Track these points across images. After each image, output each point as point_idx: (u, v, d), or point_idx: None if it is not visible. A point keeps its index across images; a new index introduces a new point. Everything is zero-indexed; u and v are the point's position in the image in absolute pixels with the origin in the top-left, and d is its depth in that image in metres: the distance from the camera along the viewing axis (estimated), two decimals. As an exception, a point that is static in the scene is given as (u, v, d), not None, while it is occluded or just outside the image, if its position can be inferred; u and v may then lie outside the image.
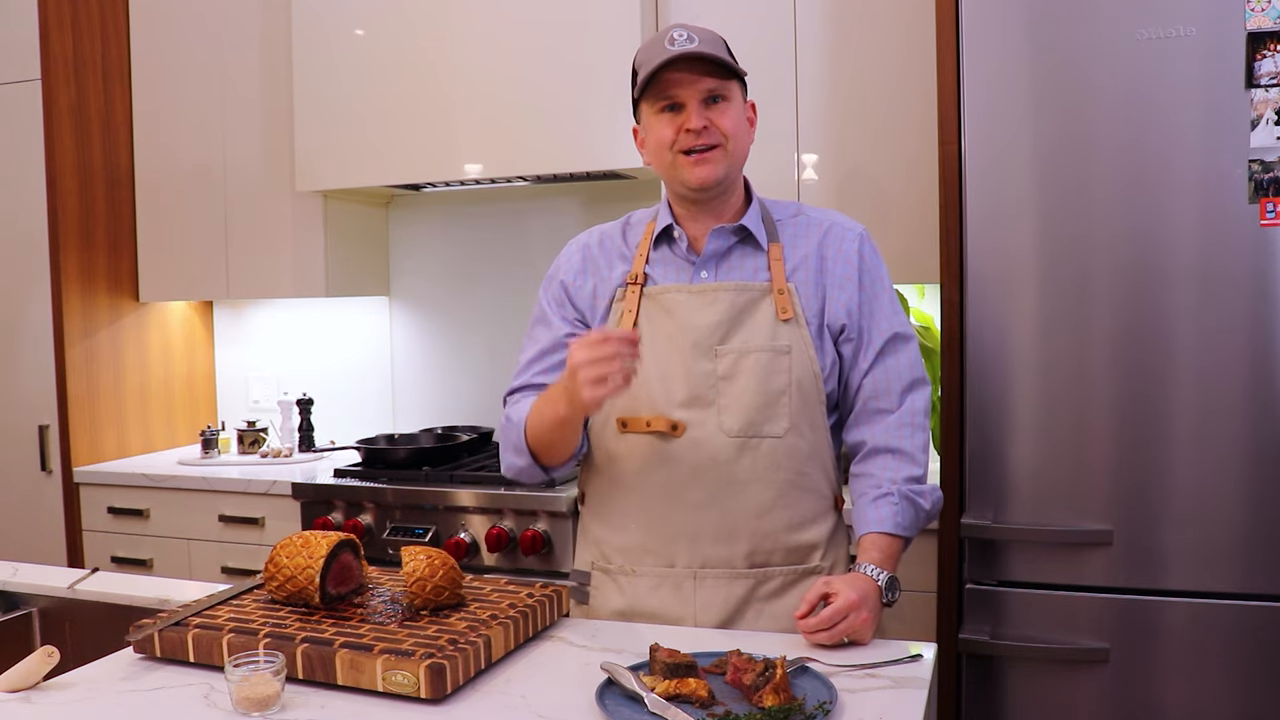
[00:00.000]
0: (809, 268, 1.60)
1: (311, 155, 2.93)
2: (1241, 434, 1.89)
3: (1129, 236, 1.94)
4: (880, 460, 1.58)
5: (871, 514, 1.55)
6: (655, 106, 1.56)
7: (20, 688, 1.26)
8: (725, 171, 1.56)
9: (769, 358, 1.55)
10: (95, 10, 3.18)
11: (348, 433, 3.35)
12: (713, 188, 1.57)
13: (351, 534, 1.71)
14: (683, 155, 1.55)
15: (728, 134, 1.55)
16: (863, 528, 1.55)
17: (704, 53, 1.51)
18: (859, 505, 1.58)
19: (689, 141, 1.54)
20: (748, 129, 1.61)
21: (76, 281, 3.13)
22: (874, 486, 1.57)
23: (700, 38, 1.53)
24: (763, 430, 1.54)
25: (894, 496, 1.55)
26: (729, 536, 1.56)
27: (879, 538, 1.53)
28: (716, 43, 1.56)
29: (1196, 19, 1.87)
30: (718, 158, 1.55)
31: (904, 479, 1.56)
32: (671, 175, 1.59)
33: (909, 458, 1.58)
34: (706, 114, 1.54)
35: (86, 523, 3.08)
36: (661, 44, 1.53)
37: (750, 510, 1.55)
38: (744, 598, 1.57)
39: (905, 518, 1.54)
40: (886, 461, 1.58)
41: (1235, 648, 1.90)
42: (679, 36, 1.52)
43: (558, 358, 1.65)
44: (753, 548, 1.56)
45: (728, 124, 1.55)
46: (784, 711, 1.13)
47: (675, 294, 1.59)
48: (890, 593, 1.48)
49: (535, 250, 3.15)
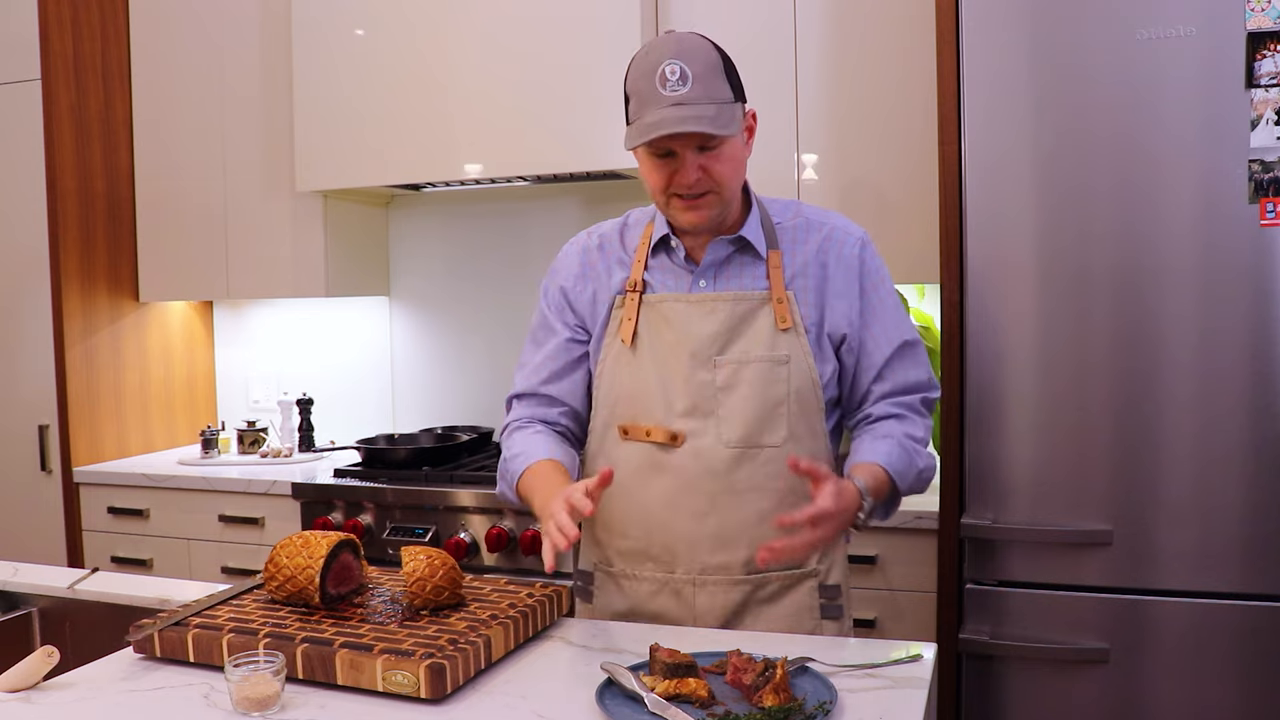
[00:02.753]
0: (808, 275, 1.59)
1: (311, 155, 2.92)
2: (1241, 434, 1.89)
3: (1129, 236, 1.94)
4: (885, 423, 1.59)
5: (868, 447, 1.55)
6: (648, 151, 1.50)
7: (20, 688, 1.26)
8: (718, 213, 1.54)
9: (767, 367, 1.54)
10: (95, 11, 3.18)
11: (348, 433, 3.35)
12: (704, 228, 1.55)
13: (351, 534, 1.71)
14: (676, 198, 1.52)
15: (720, 181, 1.50)
16: (855, 459, 1.55)
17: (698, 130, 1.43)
18: (857, 444, 1.59)
19: (682, 189, 1.50)
20: (742, 163, 1.55)
21: (76, 281, 3.13)
22: (874, 434, 1.58)
23: (694, 73, 1.44)
24: (761, 440, 1.54)
25: (894, 439, 1.55)
26: (728, 545, 1.55)
27: (870, 466, 1.52)
28: (711, 78, 1.46)
29: (1196, 19, 1.88)
30: (710, 203, 1.52)
31: (905, 434, 1.57)
32: (665, 213, 1.57)
33: (912, 423, 1.59)
34: (700, 160, 1.48)
35: (86, 523, 3.08)
36: (653, 82, 1.44)
37: (749, 519, 1.55)
38: (742, 602, 1.57)
39: (900, 463, 1.54)
40: (890, 423, 1.59)
41: (1234, 648, 1.90)
42: (671, 76, 1.43)
43: (561, 363, 1.66)
44: (751, 555, 1.55)
45: (720, 171, 1.49)
46: (784, 711, 1.13)
47: (674, 303, 1.58)
48: (865, 516, 1.46)
49: (535, 250, 3.15)
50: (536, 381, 1.67)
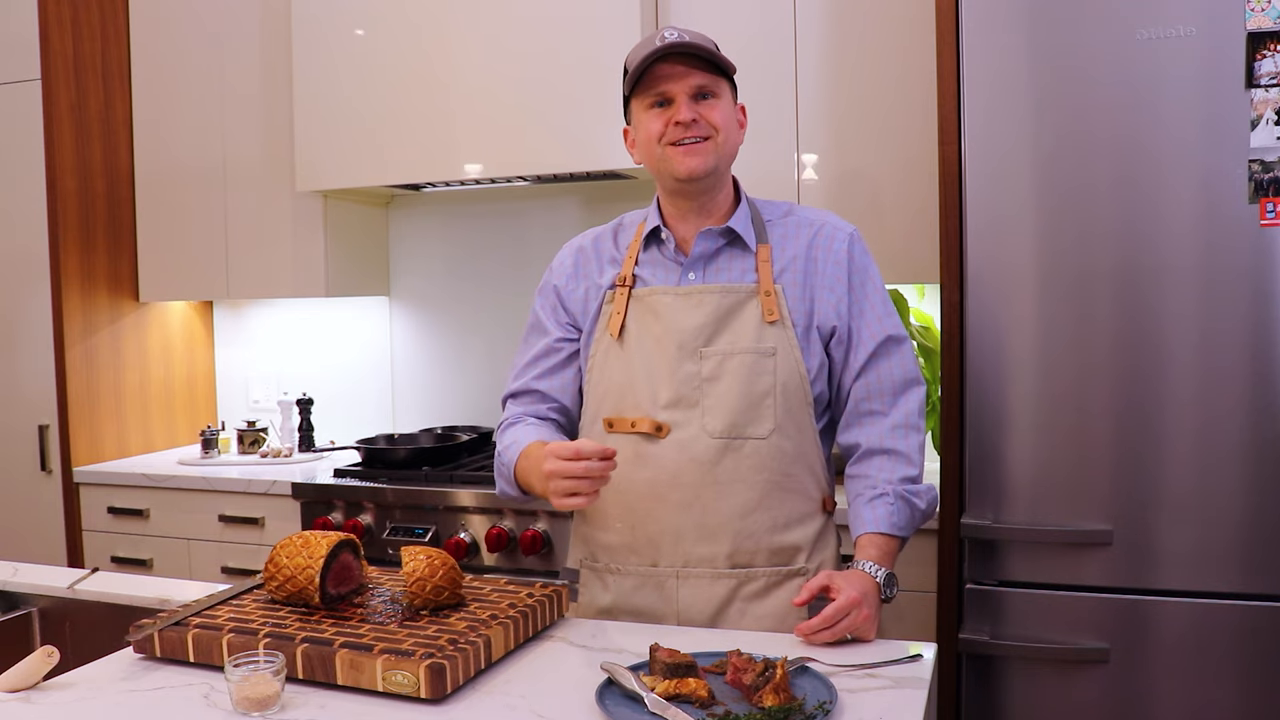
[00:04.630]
0: (797, 269, 1.60)
1: (311, 155, 2.93)
2: (1241, 434, 1.89)
3: (1129, 236, 1.94)
4: (876, 461, 1.59)
5: (868, 514, 1.56)
6: (645, 102, 1.57)
7: (20, 688, 1.26)
8: (715, 163, 1.57)
9: (753, 359, 1.55)
10: (95, 10, 3.18)
11: (348, 433, 3.35)
12: (702, 179, 1.57)
13: (351, 534, 1.71)
14: (672, 146, 1.55)
15: (717, 126, 1.56)
16: (859, 528, 1.56)
17: (693, 45, 1.52)
18: (855, 506, 1.59)
19: (678, 134, 1.54)
20: (737, 127, 1.62)
21: (76, 281, 3.13)
22: (870, 487, 1.57)
23: (690, 36, 1.54)
24: (746, 431, 1.55)
25: (889, 497, 1.55)
26: (711, 536, 1.56)
27: (876, 537, 1.54)
28: (708, 41, 1.57)
29: (1196, 19, 1.87)
30: (707, 149, 1.55)
31: (899, 479, 1.57)
32: (661, 169, 1.59)
33: (904, 458, 1.59)
34: (696, 108, 1.55)
35: (86, 523, 3.08)
36: (651, 42, 1.54)
37: (733, 511, 1.55)
38: (726, 598, 1.57)
39: (901, 518, 1.55)
40: (882, 463, 1.59)
41: (1234, 648, 1.90)
42: (669, 35, 1.54)
43: (552, 361, 1.69)
44: (734, 548, 1.56)
45: (717, 118, 1.56)
46: (784, 711, 1.13)
47: (662, 295, 1.60)
48: (889, 589, 1.49)
49: (535, 250, 3.15)
50: (528, 379, 1.70)
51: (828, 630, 1.38)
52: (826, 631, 1.38)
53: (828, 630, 1.38)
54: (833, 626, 1.38)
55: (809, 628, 1.39)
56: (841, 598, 1.39)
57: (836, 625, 1.38)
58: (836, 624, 1.38)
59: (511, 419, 1.71)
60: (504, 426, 1.71)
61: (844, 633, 1.39)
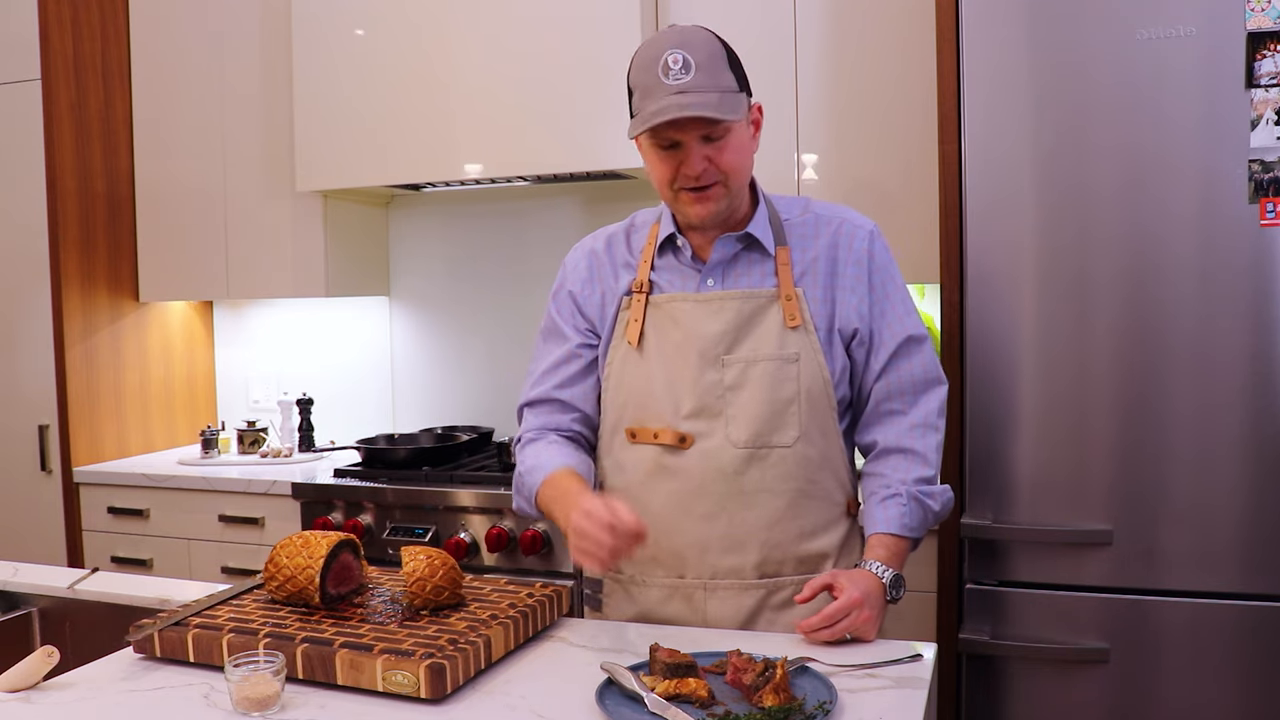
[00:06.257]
0: (818, 270, 1.56)
1: (311, 155, 2.92)
2: (1241, 434, 1.89)
3: (1129, 237, 1.94)
4: (891, 460, 1.58)
5: (880, 514, 1.55)
6: (652, 140, 1.49)
7: (20, 688, 1.26)
8: (725, 206, 1.52)
9: (777, 366, 1.52)
10: (95, 10, 3.18)
11: (348, 433, 3.35)
12: (713, 221, 1.54)
13: (351, 534, 1.71)
14: (683, 191, 1.51)
15: (727, 171, 1.49)
16: (871, 527, 1.55)
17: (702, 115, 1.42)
18: (868, 505, 1.58)
19: (688, 182, 1.49)
20: (749, 154, 1.54)
21: (76, 281, 3.13)
22: (883, 486, 1.56)
23: (697, 62, 1.43)
24: (771, 440, 1.52)
25: (902, 497, 1.54)
26: (738, 547, 1.54)
27: (886, 538, 1.53)
28: (714, 66, 1.45)
29: (1196, 19, 1.87)
30: (717, 194, 1.50)
31: (914, 480, 1.55)
32: (672, 207, 1.56)
33: (920, 458, 1.57)
34: (705, 151, 1.47)
35: (86, 523, 3.08)
36: (656, 73, 1.43)
37: (760, 521, 1.53)
38: (755, 608, 1.55)
39: (913, 519, 1.54)
40: (897, 462, 1.57)
41: (1234, 648, 1.90)
42: (674, 65, 1.42)
43: (572, 369, 1.64)
44: (763, 558, 1.54)
45: (727, 161, 1.49)
46: (784, 711, 1.13)
47: (681, 303, 1.56)
48: (895, 590, 1.48)
49: (535, 250, 3.15)
50: (548, 387, 1.64)
51: (827, 629, 1.38)
52: (826, 630, 1.38)
53: (827, 629, 1.38)
54: (833, 625, 1.38)
55: (809, 625, 1.39)
56: (843, 597, 1.39)
57: (836, 625, 1.38)
58: (836, 623, 1.38)
59: (532, 434, 1.65)
60: (524, 443, 1.65)
61: (844, 632, 1.38)
